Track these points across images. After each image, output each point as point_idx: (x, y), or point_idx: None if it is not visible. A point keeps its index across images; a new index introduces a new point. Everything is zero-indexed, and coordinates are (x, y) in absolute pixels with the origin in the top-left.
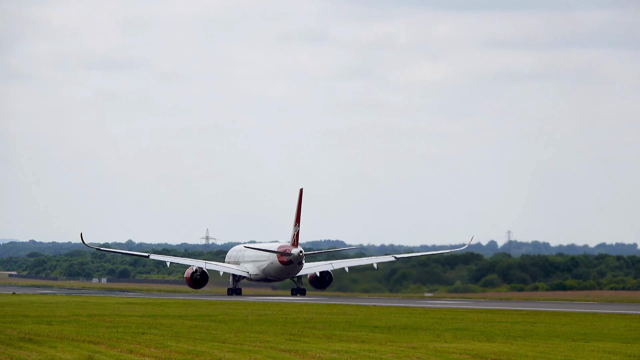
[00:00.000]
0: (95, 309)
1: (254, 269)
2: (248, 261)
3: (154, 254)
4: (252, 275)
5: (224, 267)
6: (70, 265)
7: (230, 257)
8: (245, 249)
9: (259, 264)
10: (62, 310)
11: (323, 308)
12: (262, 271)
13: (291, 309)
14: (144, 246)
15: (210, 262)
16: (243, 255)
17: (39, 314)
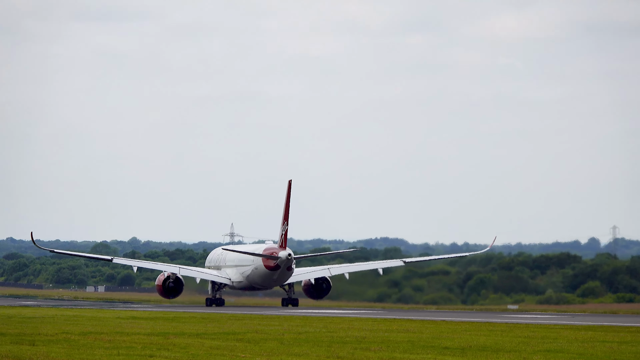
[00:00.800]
0: (90, 326)
1: (236, 275)
2: (230, 266)
3: (118, 257)
4: (235, 283)
5: (201, 272)
6: (58, 270)
7: (210, 261)
8: (226, 252)
9: (242, 270)
10: (49, 327)
11: (379, 324)
12: (246, 278)
13: (338, 324)
14: (152, 245)
15: (185, 268)
16: (224, 259)
17: (18, 332)
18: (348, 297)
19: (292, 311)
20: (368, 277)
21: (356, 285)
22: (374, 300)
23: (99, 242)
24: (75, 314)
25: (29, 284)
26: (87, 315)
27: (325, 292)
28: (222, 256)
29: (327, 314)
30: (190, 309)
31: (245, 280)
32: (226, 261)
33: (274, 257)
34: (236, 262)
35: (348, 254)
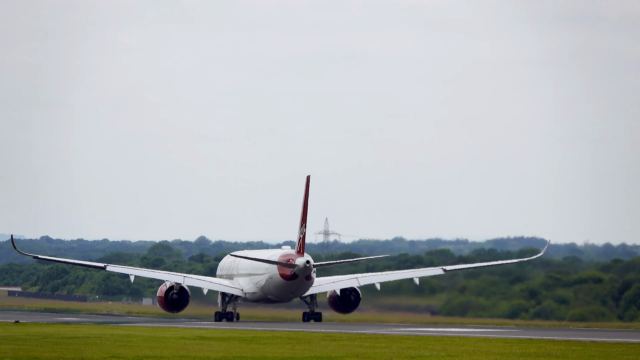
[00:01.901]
0: (147, 348)
1: (249, 286)
2: (243, 274)
3: (111, 265)
4: (248, 294)
5: (209, 282)
6: (107, 278)
7: (222, 269)
8: (239, 259)
9: (255, 279)
10: (94, 350)
11: (512, 346)
12: (260, 289)
13: (460, 346)
14: (224, 246)
15: (191, 277)
16: (237, 267)
17: (56, 356)
18: (475, 312)
19: (404, 329)
20: (499, 286)
21: (484, 297)
22: (506, 315)
23: (158, 242)
24: (127, 333)
25: (70, 296)
26: (143, 335)
27: (354, 305)
28: (234, 264)
29: (446, 333)
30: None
31: (260, 291)
32: (239, 269)
33: (290, 264)
34: (249, 270)
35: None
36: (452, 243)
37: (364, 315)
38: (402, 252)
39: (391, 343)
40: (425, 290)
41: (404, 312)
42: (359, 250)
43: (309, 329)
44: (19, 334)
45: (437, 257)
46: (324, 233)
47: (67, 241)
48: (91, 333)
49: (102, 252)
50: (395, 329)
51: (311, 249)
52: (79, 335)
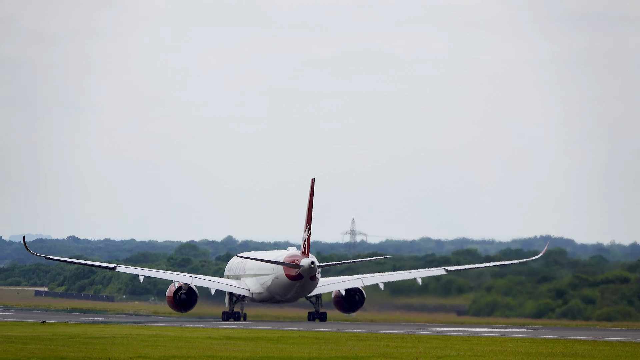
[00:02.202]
0: (174, 348)
1: (256, 286)
2: (250, 275)
3: (121, 266)
4: (254, 294)
5: (217, 283)
6: (133, 278)
7: (229, 270)
8: (246, 260)
9: (262, 280)
10: (121, 350)
11: (539, 345)
12: (266, 289)
13: (487, 346)
14: (251, 246)
15: (199, 277)
16: (244, 268)
17: (83, 356)
18: (502, 312)
19: (431, 329)
20: (526, 286)
21: (510, 297)
22: (533, 315)
23: (185, 242)
24: (154, 333)
25: (97, 296)
26: (169, 335)
27: (359, 305)
28: (241, 264)
29: (473, 333)
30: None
31: (266, 292)
32: (245, 270)
33: (295, 265)
34: (256, 270)
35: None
36: (478, 243)
37: (392, 315)
38: (429, 252)
39: (418, 343)
40: (452, 290)
41: (430, 312)
42: (385, 250)
43: (337, 329)
44: (46, 334)
45: (463, 257)
46: (351, 233)
47: (94, 241)
48: (118, 333)
49: (129, 252)
50: (421, 329)
51: (338, 248)
52: (106, 335)
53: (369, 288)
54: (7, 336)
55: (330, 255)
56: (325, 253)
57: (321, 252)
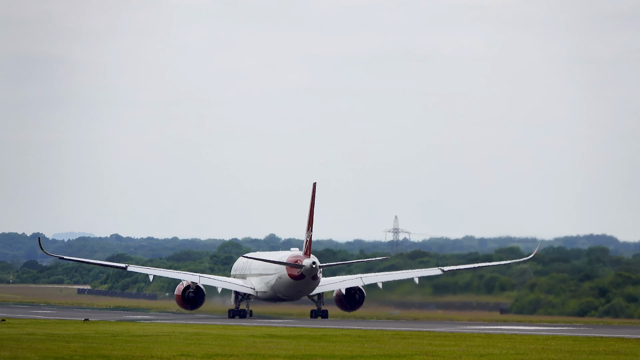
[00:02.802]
0: (217, 346)
1: (260, 285)
2: (254, 275)
3: (132, 265)
4: (259, 293)
5: (223, 282)
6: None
7: (235, 270)
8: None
9: (266, 279)
10: (164, 348)
11: (581, 343)
12: (271, 288)
13: (530, 344)
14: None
15: (206, 276)
16: (249, 268)
17: (125, 354)
18: (545, 310)
19: (473, 327)
20: (569, 284)
21: (553, 295)
22: (575, 313)
23: (228, 240)
24: (197, 331)
25: (140, 294)
26: (212, 333)
27: (359, 303)
28: (247, 264)
29: (516, 331)
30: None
31: (270, 290)
32: (251, 270)
33: (298, 265)
34: (261, 270)
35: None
36: (521, 241)
37: (434, 313)
38: (472, 250)
39: (460, 341)
40: (495, 288)
41: (474, 310)
42: (428, 248)
43: (381, 327)
44: (88, 332)
45: (506, 256)
46: (394, 231)
47: (137, 239)
48: (161, 331)
49: (172, 251)
50: (464, 327)
51: (380, 247)
52: (149, 333)
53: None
54: (50, 334)
55: (373, 253)
56: (368, 251)
57: (364, 250)
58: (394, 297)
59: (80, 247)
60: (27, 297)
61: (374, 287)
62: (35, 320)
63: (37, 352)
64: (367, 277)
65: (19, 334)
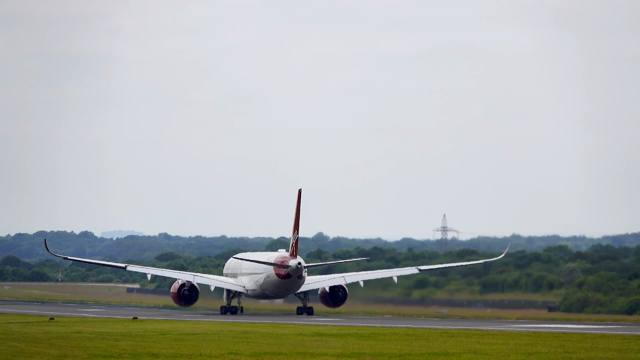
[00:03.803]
0: (265, 344)
1: (250, 284)
2: (245, 274)
3: (132, 265)
4: (249, 291)
5: (216, 280)
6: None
7: (227, 269)
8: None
9: (255, 278)
10: (213, 347)
11: (630, 342)
12: (260, 286)
13: (578, 343)
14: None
15: (200, 275)
16: (240, 267)
17: (174, 352)
18: (593, 308)
19: (522, 326)
20: (618, 282)
21: (601, 293)
22: (624, 311)
23: (276, 238)
24: (246, 329)
25: None
26: (261, 332)
27: (342, 300)
28: (238, 264)
29: (564, 330)
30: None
31: (259, 289)
32: (242, 269)
33: (284, 265)
34: (250, 270)
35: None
36: (569, 239)
37: (482, 312)
38: (520, 248)
39: (508, 339)
40: (543, 286)
41: (522, 309)
42: (476, 247)
43: (427, 325)
44: (137, 331)
45: (554, 254)
46: (442, 230)
47: (185, 238)
48: (209, 329)
49: (220, 249)
50: (512, 325)
51: (429, 245)
52: (197, 331)
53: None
54: (99, 332)
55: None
56: (417, 250)
57: (413, 249)
58: (443, 295)
59: (128, 246)
60: (75, 296)
61: (426, 283)
62: (84, 318)
63: (85, 351)
64: (349, 276)
65: (67, 332)
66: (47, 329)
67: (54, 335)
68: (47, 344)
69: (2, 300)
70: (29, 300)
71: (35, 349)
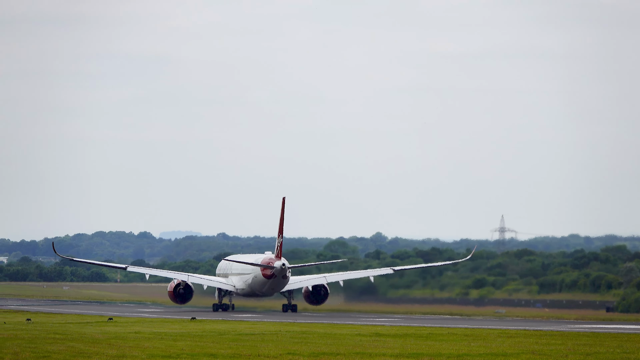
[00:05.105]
0: (323, 344)
1: (240, 283)
2: (235, 274)
3: (132, 266)
4: (239, 290)
5: (208, 280)
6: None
7: (220, 270)
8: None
9: (244, 278)
10: (271, 347)
11: None
12: (248, 285)
13: (637, 343)
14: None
15: (194, 275)
16: (231, 268)
17: (232, 353)
18: None
19: (580, 326)
20: None
21: None
22: None
23: (335, 238)
24: (304, 329)
25: None
26: (318, 332)
27: (324, 298)
28: (229, 265)
29: (622, 330)
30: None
31: (248, 288)
32: (232, 270)
33: (270, 266)
34: (240, 270)
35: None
36: (628, 239)
37: (540, 312)
38: (578, 248)
39: (566, 340)
40: (602, 287)
41: (579, 309)
42: (534, 247)
43: (485, 326)
44: (195, 331)
45: (612, 254)
46: (500, 230)
47: (244, 238)
48: (267, 330)
49: None
50: (570, 326)
51: (487, 245)
52: (255, 332)
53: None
54: (157, 333)
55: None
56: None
57: (471, 249)
58: (501, 295)
59: (186, 246)
60: (134, 296)
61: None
62: (142, 318)
63: (144, 351)
64: (330, 276)
65: (126, 332)
66: (106, 329)
67: (112, 335)
68: (105, 344)
69: (61, 300)
70: (87, 300)
71: (93, 349)
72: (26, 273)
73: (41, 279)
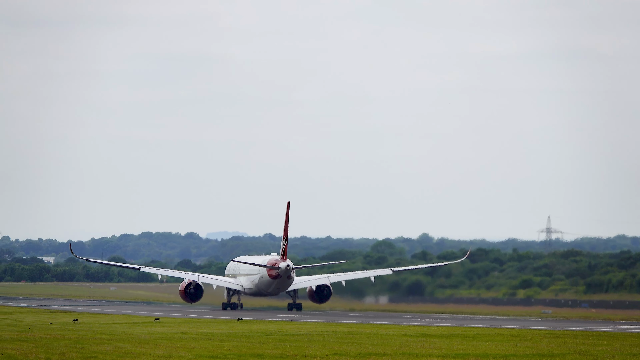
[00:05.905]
0: (369, 344)
1: (247, 283)
2: (243, 275)
3: (145, 266)
4: (247, 290)
5: (218, 280)
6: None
7: (229, 270)
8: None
9: (251, 278)
10: (318, 347)
11: None
12: (255, 285)
13: None
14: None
15: (204, 275)
16: (239, 269)
17: (279, 353)
18: None
19: (627, 327)
20: None
21: None
22: None
23: (381, 239)
24: (350, 330)
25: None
26: (365, 332)
27: (327, 297)
28: (237, 266)
29: None
30: None
31: (255, 288)
32: (240, 270)
33: (275, 267)
34: (247, 271)
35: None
36: None
37: (586, 312)
38: (624, 249)
39: (613, 341)
40: None
41: (626, 309)
42: (581, 248)
43: (532, 326)
44: (242, 331)
45: None
46: (546, 231)
47: (290, 239)
48: (314, 330)
49: (325, 250)
50: (617, 326)
51: (534, 246)
52: (302, 332)
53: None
54: (204, 333)
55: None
56: (521, 251)
57: (517, 249)
58: (547, 295)
59: (233, 247)
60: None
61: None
62: (188, 319)
63: (191, 351)
64: (333, 277)
65: (172, 332)
66: (153, 330)
67: (159, 335)
68: (152, 344)
69: (108, 301)
70: (134, 300)
71: (140, 349)
72: (73, 273)
73: (88, 279)
